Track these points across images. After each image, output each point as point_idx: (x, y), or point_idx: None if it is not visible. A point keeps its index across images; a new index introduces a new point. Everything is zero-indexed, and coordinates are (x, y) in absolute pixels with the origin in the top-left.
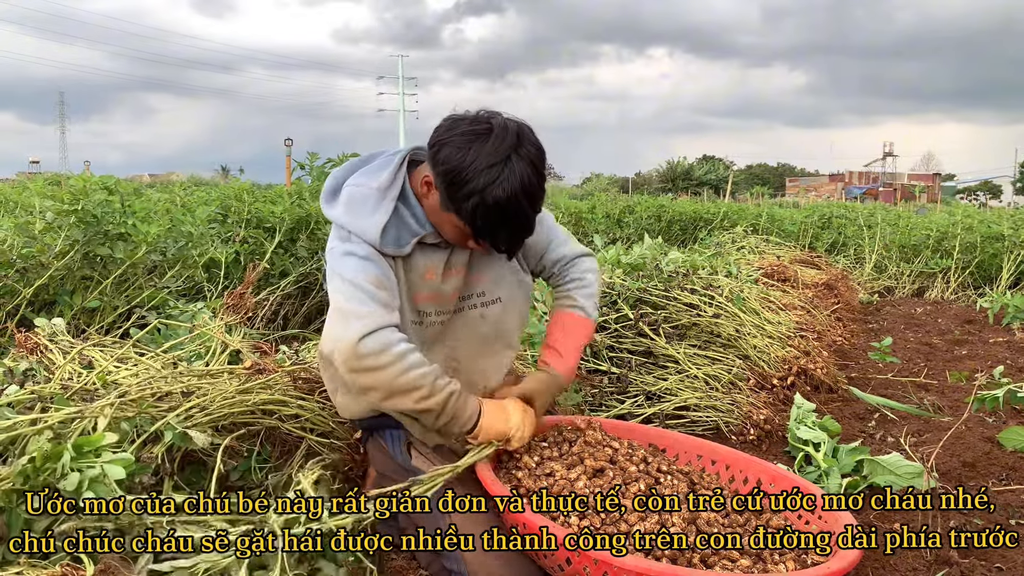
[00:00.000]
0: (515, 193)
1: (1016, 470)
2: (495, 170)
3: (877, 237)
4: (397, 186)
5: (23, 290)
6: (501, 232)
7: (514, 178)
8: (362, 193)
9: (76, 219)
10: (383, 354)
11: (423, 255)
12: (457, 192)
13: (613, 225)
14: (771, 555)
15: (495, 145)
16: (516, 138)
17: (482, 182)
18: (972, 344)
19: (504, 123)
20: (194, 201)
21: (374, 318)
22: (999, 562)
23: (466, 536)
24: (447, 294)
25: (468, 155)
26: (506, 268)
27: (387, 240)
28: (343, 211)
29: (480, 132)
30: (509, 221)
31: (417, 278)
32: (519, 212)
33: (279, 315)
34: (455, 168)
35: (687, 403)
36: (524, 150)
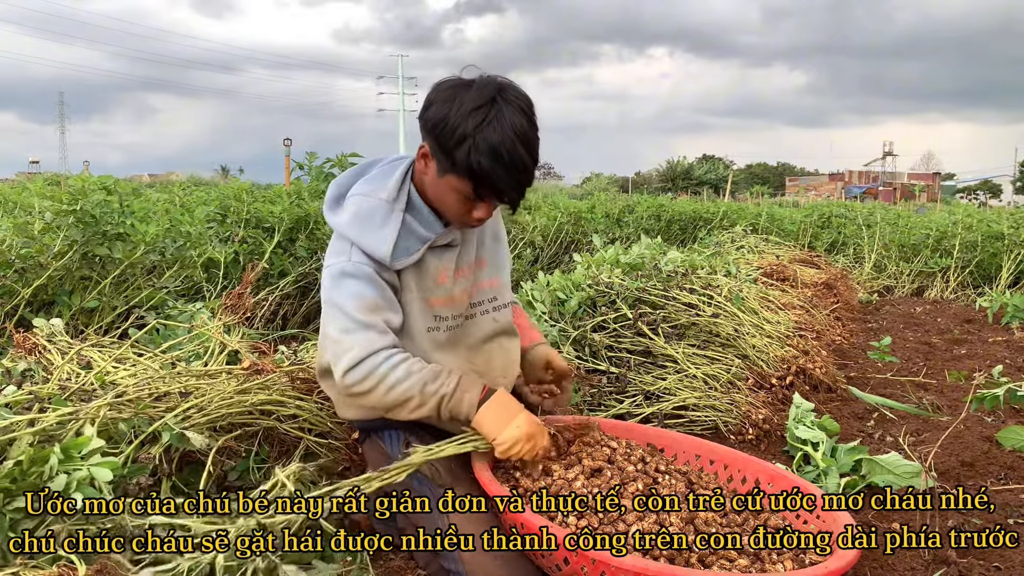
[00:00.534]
0: (506, 131)
1: (1015, 469)
2: (482, 111)
3: (877, 236)
4: (404, 195)
5: (22, 290)
6: (500, 175)
7: (503, 117)
8: (370, 205)
9: (75, 219)
10: (367, 380)
11: (434, 258)
12: (449, 142)
13: (612, 225)
14: (769, 555)
15: (478, 91)
16: (499, 86)
17: (471, 124)
18: (971, 343)
19: (485, 75)
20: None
21: (359, 349)
22: (997, 561)
23: (464, 536)
24: (458, 296)
25: (453, 105)
26: (504, 273)
27: (398, 254)
28: (352, 224)
29: (463, 84)
30: (505, 161)
31: (430, 283)
32: (513, 152)
33: (278, 315)
34: (442, 119)
35: (686, 403)
36: (508, 95)
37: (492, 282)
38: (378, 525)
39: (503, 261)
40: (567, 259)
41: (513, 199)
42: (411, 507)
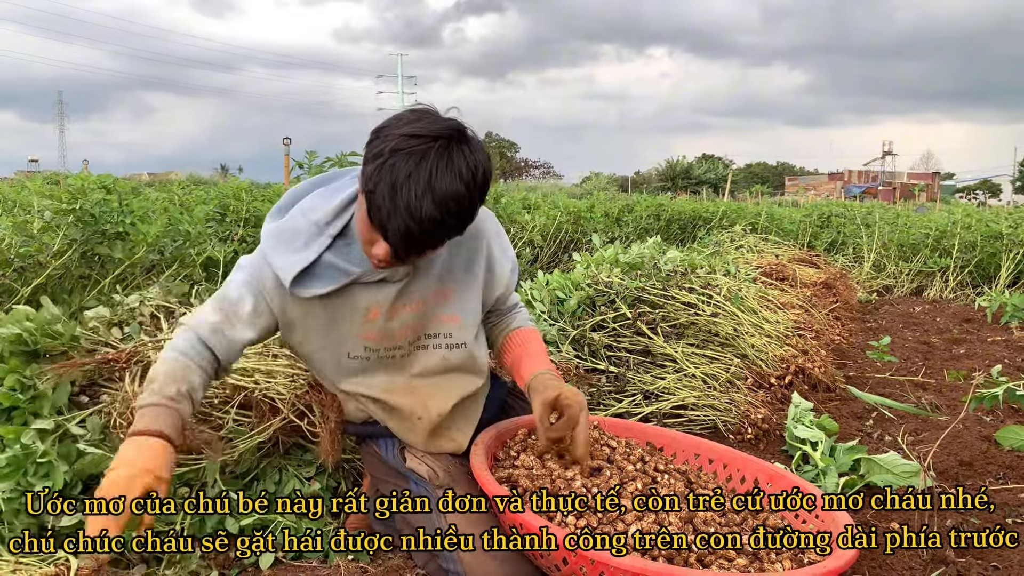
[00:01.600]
0: (423, 170)
1: (1013, 469)
2: (414, 140)
3: (876, 236)
4: (341, 221)
5: (21, 289)
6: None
7: (429, 158)
8: (297, 226)
9: (74, 218)
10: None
11: (365, 293)
12: (370, 152)
13: (612, 224)
14: (768, 554)
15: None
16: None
17: (392, 146)
18: (970, 343)
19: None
20: (192, 200)
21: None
22: (996, 561)
23: (463, 536)
24: (395, 331)
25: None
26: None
27: (304, 281)
28: (272, 237)
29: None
30: (400, 201)
31: (359, 317)
32: (418, 200)
33: None
34: (380, 128)
35: (685, 402)
36: (456, 146)
37: (452, 318)
38: (376, 525)
39: (472, 297)
40: (566, 258)
41: (394, 243)
42: (409, 507)
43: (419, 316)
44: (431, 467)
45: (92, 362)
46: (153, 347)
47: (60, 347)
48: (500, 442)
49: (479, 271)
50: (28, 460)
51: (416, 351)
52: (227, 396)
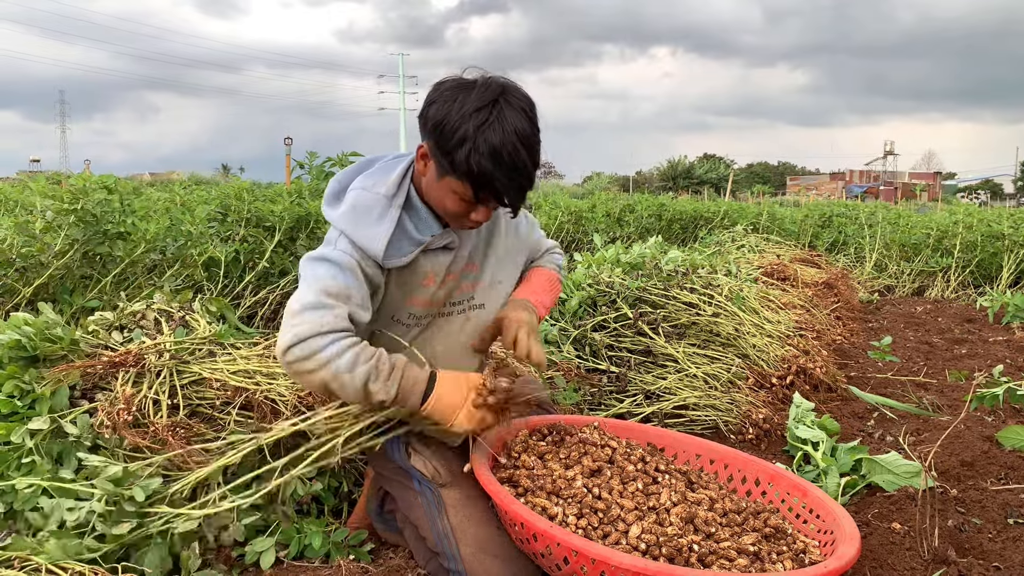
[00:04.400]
0: (507, 133)
1: (1015, 469)
2: (483, 112)
3: (877, 236)
4: (403, 192)
5: (22, 289)
6: (500, 178)
7: (504, 119)
8: (368, 199)
9: (76, 218)
10: (308, 361)
11: (426, 260)
12: (449, 143)
13: (613, 224)
14: (769, 554)
15: (480, 92)
16: (501, 88)
17: (472, 126)
18: (972, 343)
19: (488, 76)
20: (194, 200)
21: (308, 326)
22: (996, 561)
23: (464, 535)
24: (440, 299)
25: (454, 105)
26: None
27: (391, 252)
28: (347, 218)
29: (464, 84)
30: (506, 164)
31: (415, 283)
32: (515, 154)
33: (278, 314)
34: (443, 119)
35: (686, 402)
36: (511, 97)
37: (476, 284)
38: (378, 524)
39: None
40: (568, 258)
41: (514, 202)
42: (411, 506)
43: (454, 285)
44: (435, 466)
45: (91, 364)
46: (154, 350)
47: (59, 351)
48: (501, 442)
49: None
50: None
51: (439, 318)
52: (228, 397)
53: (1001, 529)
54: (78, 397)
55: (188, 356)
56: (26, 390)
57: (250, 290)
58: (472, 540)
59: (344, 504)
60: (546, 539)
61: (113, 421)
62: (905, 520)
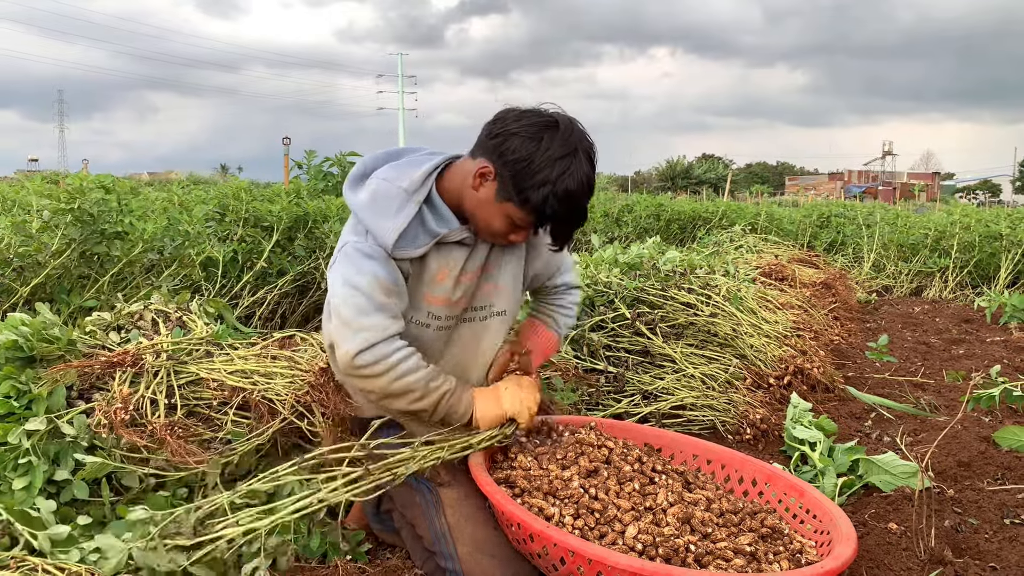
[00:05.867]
0: (581, 184)
1: (1011, 469)
2: (566, 161)
3: (876, 236)
4: (425, 190)
5: (20, 289)
6: (564, 222)
7: (581, 171)
8: (389, 190)
9: (73, 218)
10: (377, 365)
11: (439, 255)
12: (527, 181)
13: (612, 224)
14: (766, 554)
15: (564, 137)
16: (581, 133)
17: (555, 172)
18: (969, 343)
19: (567, 118)
20: (192, 200)
21: (374, 332)
22: (993, 561)
23: (461, 535)
24: (455, 299)
25: (540, 145)
26: (512, 282)
27: (401, 244)
28: (366, 205)
29: (548, 124)
30: (573, 211)
31: (429, 279)
32: (581, 203)
33: (277, 314)
34: (527, 157)
35: (684, 402)
36: (586, 144)
37: (496, 287)
38: (374, 524)
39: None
40: None
41: (565, 240)
42: (408, 505)
43: (473, 287)
44: (437, 469)
45: (88, 365)
46: (151, 350)
47: (56, 352)
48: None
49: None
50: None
51: (462, 324)
52: (226, 397)
53: (998, 529)
54: (75, 398)
55: (185, 356)
56: (23, 390)
57: (248, 290)
58: (469, 540)
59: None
60: (543, 539)
61: (110, 420)
62: (902, 520)
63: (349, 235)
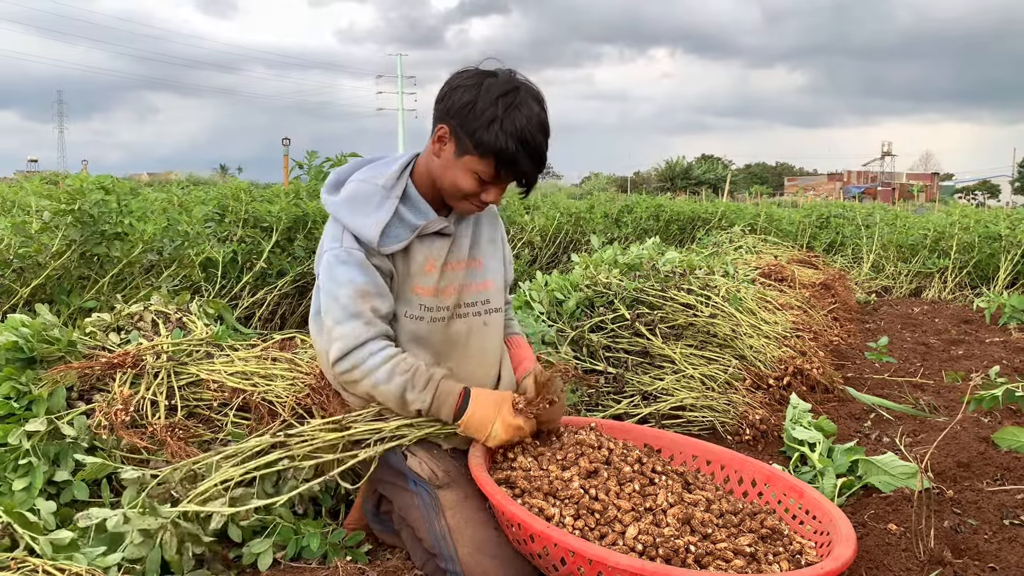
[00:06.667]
0: (531, 117)
1: (1011, 470)
2: (509, 97)
3: (875, 237)
4: (401, 185)
5: (20, 290)
6: (523, 157)
7: (527, 106)
8: (367, 189)
9: (73, 219)
10: (355, 371)
11: (423, 246)
12: (475, 123)
13: (611, 225)
14: (765, 555)
15: (504, 80)
16: (523, 79)
17: (500, 109)
18: (969, 344)
19: (508, 69)
20: (191, 200)
21: (347, 339)
22: (992, 562)
23: (461, 536)
24: (443, 287)
25: (481, 89)
26: (501, 281)
27: (385, 239)
28: (345, 206)
29: (486, 73)
30: (528, 144)
31: (416, 270)
32: (535, 136)
33: (276, 315)
34: (471, 101)
35: (683, 403)
36: (530, 86)
37: (486, 284)
38: (374, 525)
39: (498, 265)
40: (565, 259)
41: (531, 181)
42: (408, 507)
43: (460, 278)
44: (431, 468)
45: (88, 366)
46: (151, 351)
47: (57, 353)
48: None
49: (500, 245)
50: (11, 458)
51: (457, 320)
52: (226, 399)
53: (997, 530)
54: (75, 399)
55: (186, 358)
56: (23, 391)
57: (248, 291)
58: (469, 541)
59: (341, 505)
60: (543, 540)
61: (111, 421)
62: (901, 521)
63: (326, 243)
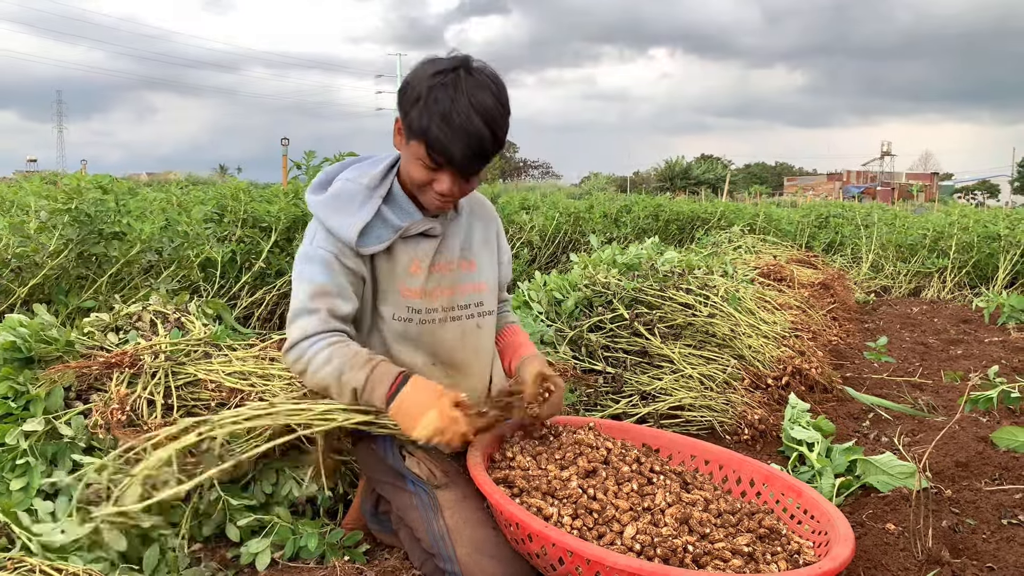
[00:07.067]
0: (460, 96)
1: (1009, 470)
2: (440, 76)
3: (874, 237)
4: (386, 185)
5: (17, 290)
6: (448, 137)
7: (460, 85)
8: (351, 189)
9: (71, 218)
10: (297, 363)
11: (408, 247)
12: (407, 104)
13: (610, 225)
14: (763, 555)
15: (446, 61)
16: (465, 59)
17: (426, 87)
18: (967, 344)
19: (462, 54)
20: (190, 200)
21: (296, 332)
22: (990, 562)
23: (459, 536)
24: (432, 291)
25: (420, 70)
26: (494, 283)
27: (365, 240)
28: (327, 205)
29: (435, 57)
30: (454, 124)
31: (402, 272)
32: (470, 121)
33: (275, 315)
34: (406, 83)
35: (682, 403)
36: (474, 70)
37: (479, 286)
38: (372, 526)
39: (492, 266)
40: (564, 259)
41: (461, 165)
42: (406, 507)
43: (451, 280)
44: (429, 468)
45: (86, 365)
46: (149, 351)
47: (55, 352)
48: (496, 443)
49: (494, 247)
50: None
51: (450, 322)
52: (224, 398)
53: (995, 530)
54: (73, 399)
55: (184, 358)
56: (21, 391)
57: (247, 291)
58: (468, 541)
59: (339, 505)
60: (541, 539)
61: (107, 420)
62: (899, 521)
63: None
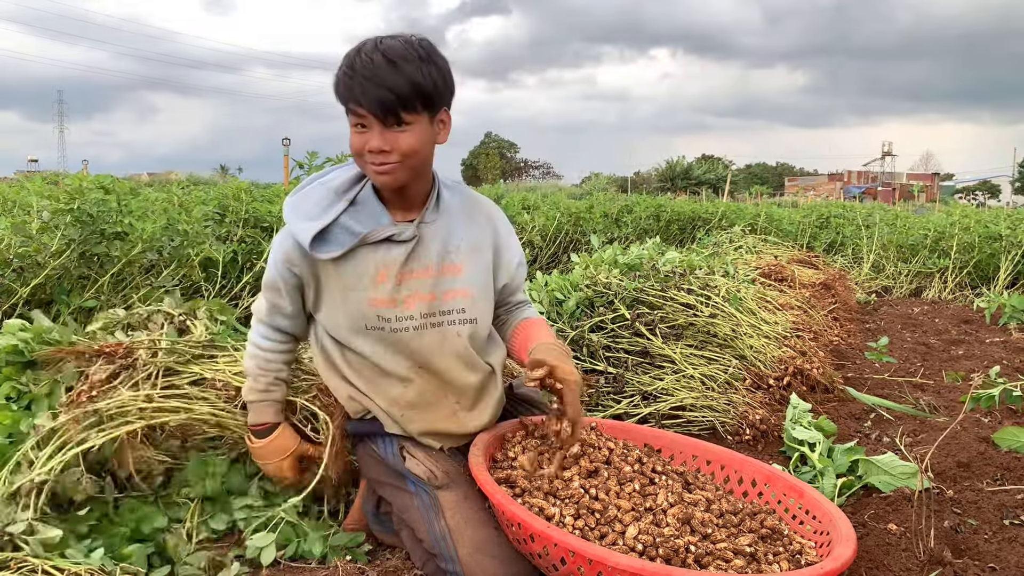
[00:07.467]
0: (367, 45)
1: (1011, 470)
2: (361, 42)
3: (875, 237)
4: (356, 189)
5: (19, 289)
6: (352, 80)
7: (375, 41)
8: (318, 193)
9: (72, 218)
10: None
11: (374, 254)
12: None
13: (611, 225)
14: (765, 555)
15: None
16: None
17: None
18: (969, 344)
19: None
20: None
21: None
22: (992, 562)
23: (461, 537)
24: (405, 299)
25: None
26: (483, 290)
27: (320, 245)
28: (293, 207)
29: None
30: (356, 67)
31: (367, 281)
32: (371, 58)
33: None
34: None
35: (683, 403)
36: (405, 36)
37: (461, 292)
38: (374, 526)
39: (480, 273)
40: (565, 259)
41: (372, 106)
42: (407, 508)
43: (429, 286)
44: (430, 469)
45: (80, 351)
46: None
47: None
48: (498, 443)
49: (487, 252)
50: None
51: (429, 328)
52: (230, 396)
53: (997, 530)
54: None
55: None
56: (23, 391)
57: (248, 291)
58: (469, 541)
59: (341, 505)
60: (543, 539)
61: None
62: (901, 521)
63: None
